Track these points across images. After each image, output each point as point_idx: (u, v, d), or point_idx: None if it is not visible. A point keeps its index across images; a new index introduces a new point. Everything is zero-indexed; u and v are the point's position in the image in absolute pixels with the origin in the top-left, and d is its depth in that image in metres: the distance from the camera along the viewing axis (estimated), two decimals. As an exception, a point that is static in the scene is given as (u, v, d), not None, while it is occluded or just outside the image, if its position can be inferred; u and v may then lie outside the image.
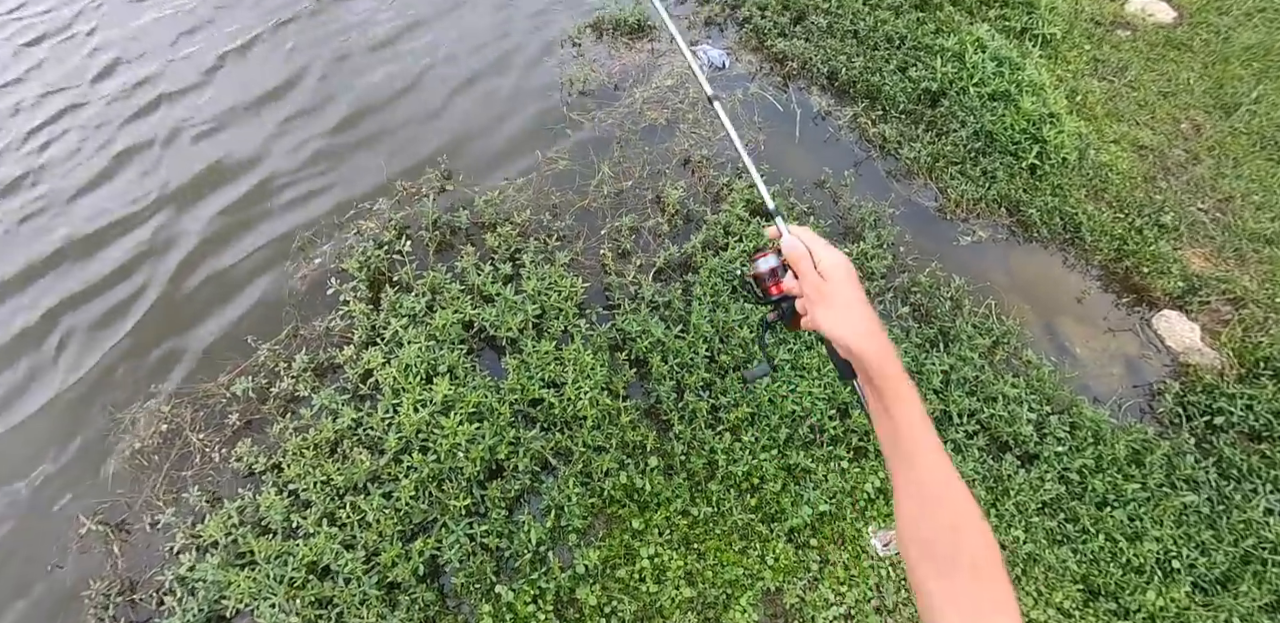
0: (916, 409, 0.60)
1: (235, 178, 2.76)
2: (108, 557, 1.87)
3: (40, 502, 2.00)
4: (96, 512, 1.95)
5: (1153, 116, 3.12)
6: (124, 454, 2.05)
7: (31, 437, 2.14)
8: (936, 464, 0.58)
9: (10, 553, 1.91)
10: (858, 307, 0.63)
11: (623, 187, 2.55)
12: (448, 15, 3.39)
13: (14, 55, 3.34)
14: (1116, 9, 3.68)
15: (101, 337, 2.36)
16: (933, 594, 0.55)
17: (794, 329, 0.78)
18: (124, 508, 1.96)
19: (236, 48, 3.26)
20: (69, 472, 2.05)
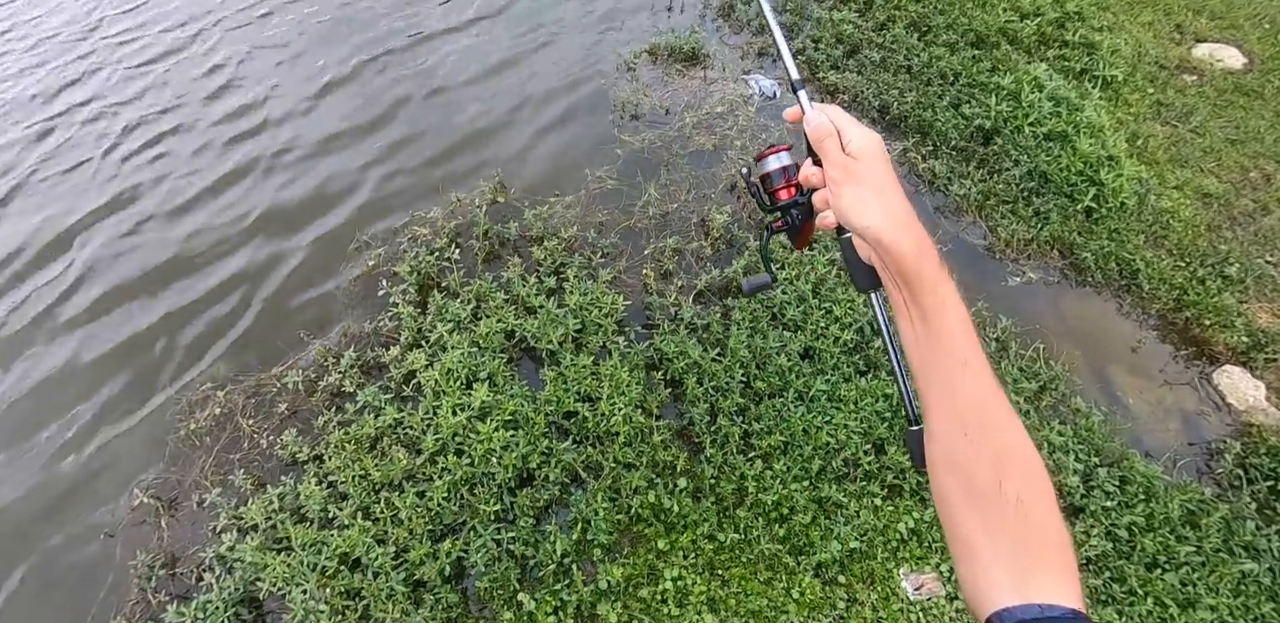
0: (961, 316, 0.50)
1: (304, 183, 2.96)
2: (155, 530, 1.99)
3: (97, 471, 2.15)
4: (149, 486, 2.07)
5: (1219, 164, 3.04)
6: (179, 434, 2.19)
7: (94, 404, 2.31)
8: (984, 384, 0.49)
9: (69, 519, 2.05)
10: (891, 191, 0.53)
11: (668, 209, 2.63)
12: (521, 50, 3.59)
13: (130, 75, 3.64)
14: (1183, 53, 3.63)
15: (165, 316, 2.54)
16: (971, 536, 0.47)
17: (800, 246, 0.69)
18: (175, 485, 2.09)
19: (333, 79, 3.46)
20: (129, 446, 2.20)
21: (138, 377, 2.39)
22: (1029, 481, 0.47)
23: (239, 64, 3.61)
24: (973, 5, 3.58)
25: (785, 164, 0.64)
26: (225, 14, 3.99)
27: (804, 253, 2.41)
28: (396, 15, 3.84)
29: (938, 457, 0.51)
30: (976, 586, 0.46)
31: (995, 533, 0.46)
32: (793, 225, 0.65)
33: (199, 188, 2.98)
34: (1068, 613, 0.43)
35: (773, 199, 0.65)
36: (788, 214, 0.65)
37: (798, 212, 0.63)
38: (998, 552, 0.46)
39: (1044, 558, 0.45)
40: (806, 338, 2.17)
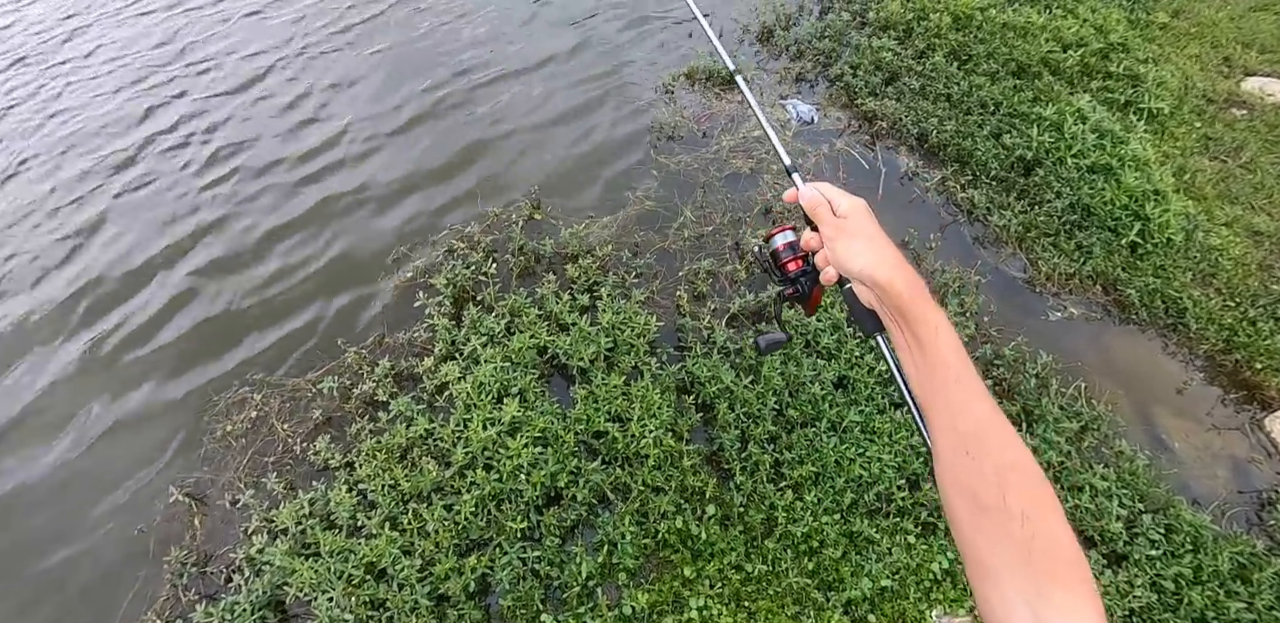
0: (953, 341, 0.55)
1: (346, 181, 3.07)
2: (189, 528, 2.05)
3: (135, 468, 2.22)
4: (184, 485, 2.14)
5: (1270, 201, 2.98)
6: (215, 435, 2.26)
7: (144, 411, 2.40)
8: (979, 402, 0.53)
9: (105, 513, 2.12)
10: (879, 239, 0.61)
11: (703, 231, 2.67)
12: (561, 69, 3.71)
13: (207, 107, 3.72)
14: (1231, 87, 3.59)
15: (206, 318, 2.64)
16: (982, 556, 0.48)
17: (811, 311, 0.77)
18: (209, 484, 2.15)
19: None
20: (163, 444, 2.27)
21: (179, 376, 2.48)
22: (1031, 492, 0.48)
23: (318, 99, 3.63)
24: (1014, 35, 3.60)
25: (791, 240, 0.72)
26: (306, 43, 4.05)
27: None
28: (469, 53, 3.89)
29: (944, 478, 0.53)
30: (992, 608, 0.46)
31: (1005, 550, 0.46)
32: (803, 292, 0.73)
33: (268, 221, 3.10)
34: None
35: (783, 271, 0.74)
36: (797, 283, 0.73)
37: (806, 280, 0.72)
38: (1011, 571, 0.46)
39: (1056, 574, 0.45)
40: (840, 367, 2.17)
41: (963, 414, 0.53)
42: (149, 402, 2.42)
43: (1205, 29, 3.91)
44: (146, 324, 2.66)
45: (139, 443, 2.30)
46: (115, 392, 2.46)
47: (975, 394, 0.53)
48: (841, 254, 0.62)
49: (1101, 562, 1.82)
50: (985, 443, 0.51)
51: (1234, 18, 3.99)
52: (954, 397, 0.53)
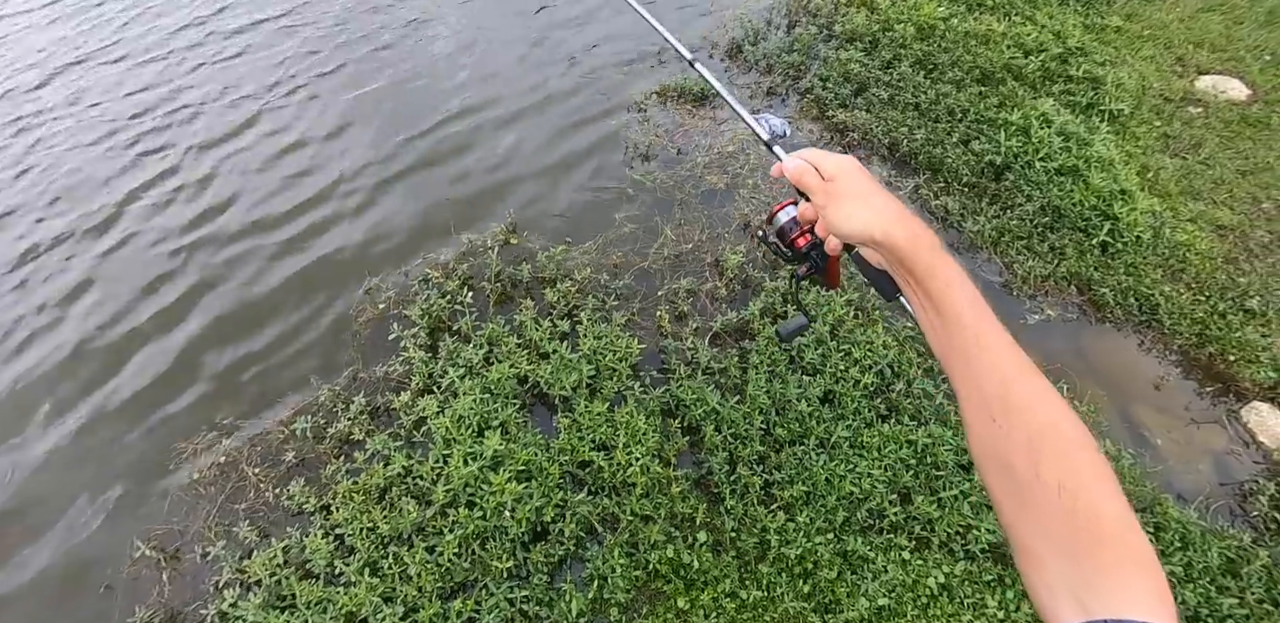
0: (968, 295, 0.52)
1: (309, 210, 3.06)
2: (155, 584, 1.98)
3: (101, 522, 2.15)
4: (151, 538, 2.08)
5: (1231, 195, 3.12)
6: (182, 483, 2.21)
7: (100, 459, 2.33)
8: (1004, 359, 0.48)
9: (67, 569, 2.05)
10: (875, 195, 0.58)
11: (682, 249, 2.71)
12: (524, 86, 3.76)
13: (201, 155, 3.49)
14: (1186, 86, 3.77)
15: (169, 362, 2.58)
16: (1025, 540, 0.43)
17: (833, 284, 0.75)
18: (177, 536, 2.09)
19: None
20: (130, 495, 2.21)
21: (142, 423, 2.42)
22: (1068, 459, 0.43)
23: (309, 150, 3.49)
24: (976, 43, 3.74)
25: (794, 215, 0.69)
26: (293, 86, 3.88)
27: (822, 294, 2.46)
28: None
29: (977, 449, 0.49)
30: (1040, 598, 0.42)
31: (1046, 531, 0.42)
32: (818, 266, 0.71)
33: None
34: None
35: (793, 249, 0.71)
36: (810, 258, 0.70)
37: (817, 254, 0.69)
38: (1054, 555, 0.41)
39: (1100, 557, 0.39)
40: (826, 381, 2.21)
41: (986, 376, 0.48)
42: (110, 452, 2.35)
43: (1157, 31, 4.11)
44: (103, 371, 2.59)
45: (100, 496, 2.23)
46: (74, 443, 2.39)
47: (998, 352, 0.49)
48: (834, 220, 0.59)
49: (1095, 568, 1.86)
50: (1013, 406, 0.46)
51: (1183, 19, 4.20)
52: (975, 357, 0.49)
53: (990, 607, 1.77)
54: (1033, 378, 0.48)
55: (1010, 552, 0.47)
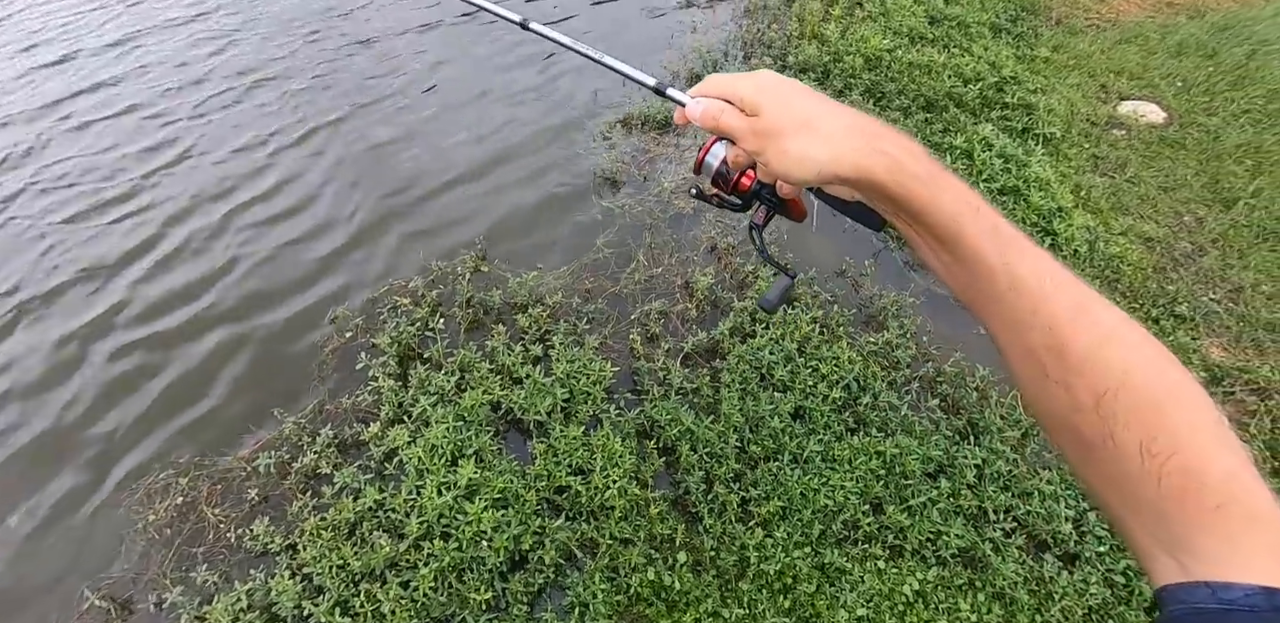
0: (988, 224, 0.41)
1: (270, 243, 3.06)
2: (106, 641, 1.90)
3: (44, 571, 2.05)
4: (100, 587, 2.00)
5: (1155, 210, 3.45)
6: (136, 527, 2.13)
7: (44, 501, 2.23)
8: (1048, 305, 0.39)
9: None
10: (822, 117, 0.45)
11: (653, 272, 2.82)
12: (481, 112, 3.89)
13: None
14: (1110, 110, 4.17)
15: (126, 405, 2.51)
16: (1101, 498, 0.39)
17: (800, 217, 0.63)
18: (129, 584, 2.02)
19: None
20: (78, 541, 2.12)
21: (89, 464, 2.34)
22: (1151, 419, 0.36)
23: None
24: (920, 73, 4.08)
25: (725, 154, 0.59)
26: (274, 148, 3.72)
27: (786, 312, 2.60)
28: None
29: (1033, 408, 0.43)
30: (1138, 558, 0.39)
31: (1129, 497, 0.37)
32: (775, 203, 0.61)
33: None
34: (1253, 593, 0.32)
35: (738, 193, 0.61)
36: (762, 197, 0.61)
37: (768, 190, 0.60)
38: (1140, 519, 0.37)
39: (1201, 517, 0.34)
40: (796, 398, 2.31)
41: (1029, 325, 0.39)
42: (55, 496, 2.26)
43: (1081, 60, 4.56)
44: (51, 405, 2.51)
45: (44, 542, 2.13)
46: (13, 485, 2.28)
47: (1041, 291, 0.39)
48: (780, 167, 0.46)
49: (1057, 565, 1.98)
50: (1071, 360, 0.38)
51: (1104, 50, 4.68)
52: (1011, 304, 0.40)
53: (964, 610, 1.86)
54: (1092, 316, 0.39)
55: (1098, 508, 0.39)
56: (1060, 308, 0.40)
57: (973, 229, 0.42)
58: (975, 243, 0.42)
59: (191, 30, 4.81)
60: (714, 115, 0.50)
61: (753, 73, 0.50)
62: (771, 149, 0.47)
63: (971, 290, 0.44)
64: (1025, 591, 1.91)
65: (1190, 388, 0.38)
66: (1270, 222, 3.34)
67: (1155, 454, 0.36)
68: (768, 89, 0.48)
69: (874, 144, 0.44)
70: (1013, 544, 2.01)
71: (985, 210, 0.43)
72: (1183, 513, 0.35)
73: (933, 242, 0.45)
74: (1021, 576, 1.94)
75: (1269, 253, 3.19)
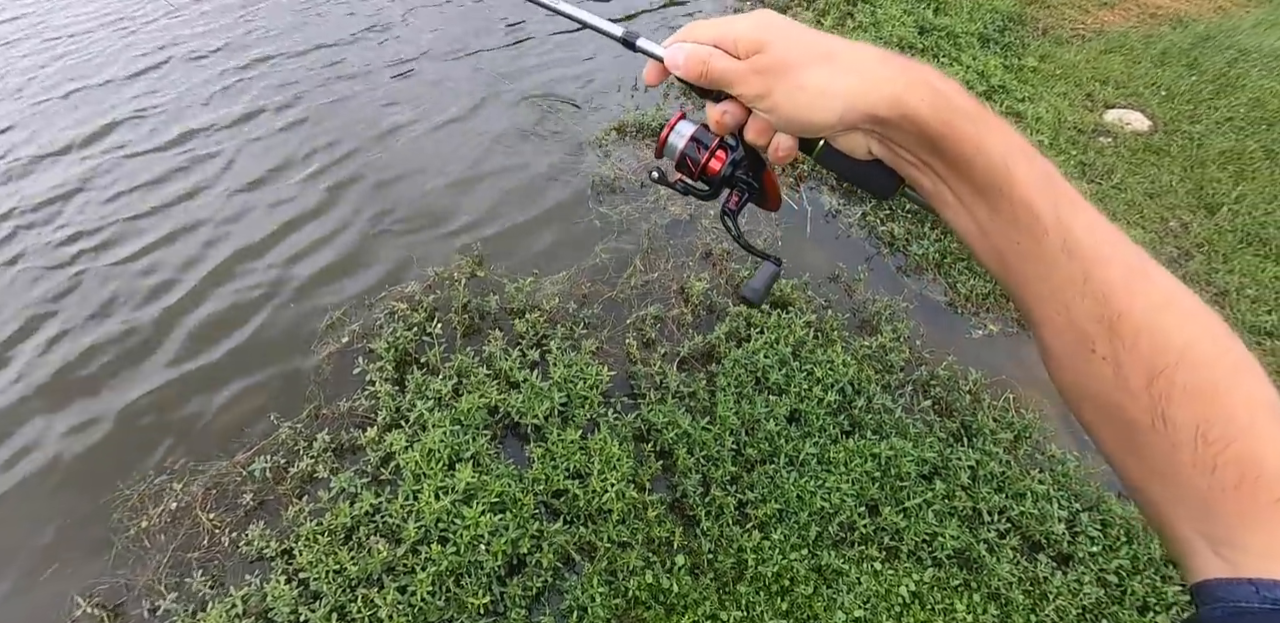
0: (1038, 172, 0.37)
1: (267, 251, 3.09)
2: (98, 648, 1.89)
3: (35, 579, 2.05)
4: (93, 594, 1.99)
5: (1142, 216, 3.54)
6: (129, 533, 2.13)
7: (31, 507, 2.23)
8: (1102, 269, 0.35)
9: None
10: (841, 50, 0.38)
11: (649, 278, 2.87)
12: (480, 121, 3.95)
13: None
14: (1095, 118, 4.29)
15: (115, 406, 2.52)
16: (1143, 488, 0.36)
17: (775, 206, 0.57)
18: (123, 591, 2.01)
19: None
20: (70, 548, 2.12)
21: (82, 471, 2.34)
22: (1210, 402, 0.33)
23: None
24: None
25: (691, 133, 0.53)
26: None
27: (781, 316, 2.65)
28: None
29: (1065, 382, 0.39)
30: (1173, 550, 0.36)
31: (1174, 485, 0.34)
32: (751, 187, 0.54)
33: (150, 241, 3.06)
34: None
35: (706, 178, 0.54)
36: (735, 181, 0.54)
37: (743, 172, 0.53)
38: (1185, 510, 0.34)
39: (1253, 509, 0.32)
40: (791, 401, 2.35)
41: (1080, 291, 0.35)
42: (47, 501, 2.25)
43: (1068, 70, 4.68)
44: (42, 409, 2.51)
45: (36, 550, 2.12)
46: (7, 492, 2.27)
47: (1098, 257, 0.35)
48: (796, 108, 0.39)
49: (1051, 565, 2.02)
50: (1124, 331, 0.34)
51: (1089, 60, 4.81)
52: (1061, 267, 0.35)
53: (959, 611, 1.89)
54: (1151, 280, 0.36)
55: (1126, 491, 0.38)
56: (1116, 274, 0.35)
57: (1024, 176, 0.36)
58: (1026, 193, 0.36)
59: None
60: (701, 58, 0.41)
61: (749, 14, 0.41)
62: (782, 87, 0.39)
63: (1011, 253, 0.37)
64: (1020, 591, 1.94)
65: (1251, 366, 0.34)
66: (1253, 227, 3.44)
67: (1212, 441, 0.33)
68: (772, 25, 0.40)
69: (912, 75, 0.37)
70: (1007, 545, 2.05)
71: (1038, 157, 0.37)
72: (1237, 506, 0.32)
73: (971, 194, 0.38)
74: (1016, 576, 1.98)
75: (1252, 257, 3.29)
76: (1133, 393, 0.35)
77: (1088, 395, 0.38)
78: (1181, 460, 0.33)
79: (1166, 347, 0.34)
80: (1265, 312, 2.97)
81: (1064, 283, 0.36)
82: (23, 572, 2.08)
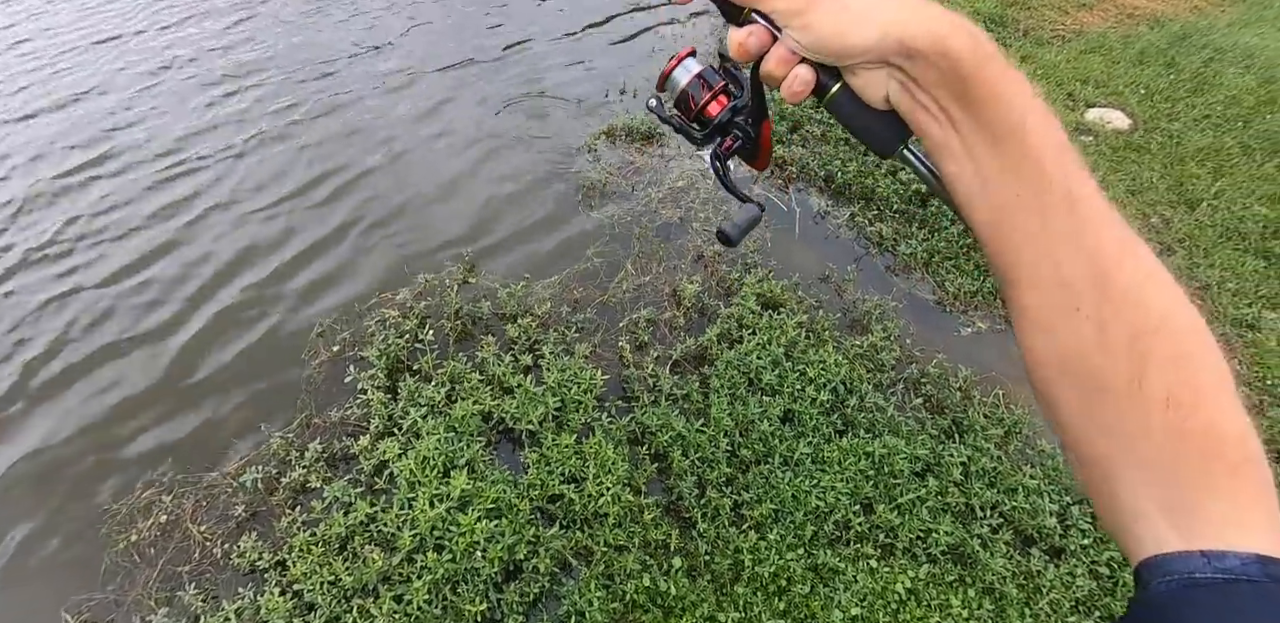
0: (1054, 131, 0.39)
1: (260, 261, 3.09)
2: (88, 667, 1.88)
3: (22, 596, 2.03)
4: (82, 610, 1.98)
5: (1124, 212, 3.54)
6: (118, 547, 2.12)
7: (17, 523, 2.21)
8: (1099, 229, 0.37)
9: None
10: None
11: (641, 281, 2.90)
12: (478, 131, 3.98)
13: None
14: (1077, 117, 4.39)
15: (101, 416, 2.51)
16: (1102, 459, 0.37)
17: (763, 164, 0.56)
18: (113, 606, 2.00)
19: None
20: (56, 564, 2.10)
21: (68, 481, 2.32)
22: (1184, 367, 0.35)
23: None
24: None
25: (698, 71, 0.52)
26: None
27: (774, 316, 2.69)
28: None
29: (1039, 351, 0.39)
30: (1118, 521, 0.37)
31: (1139, 454, 0.35)
32: (746, 136, 0.53)
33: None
34: (1249, 562, 0.31)
35: (703, 121, 0.53)
36: (732, 127, 0.53)
37: (744, 118, 0.52)
38: (1142, 476, 0.35)
39: (1214, 477, 0.34)
40: (785, 401, 2.39)
41: (1075, 250, 0.37)
42: (32, 515, 2.23)
43: (1049, 70, 4.79)
44: (23, 419, 2.49)
45: (23, 566, 2.11)
46: None
47: (1096, 215, 0.37)
48: (830, 26, 0.39)
49: (1044, 558, 2.06)
50: (1112, 292, 0.36)
51: (1070, 60, 4.93)
52: (1062, 224, 0.37)
53: (955, 606, 1.93)
54: (1139, 251, 0.38)
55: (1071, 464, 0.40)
56: (1110, 237, 0.37)
57: (1038, 131, 0.38)
58: (1039, 147, 0.38)
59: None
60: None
61: None
62: (822, 4, 0.39)
63: (1012, 206, 0.38)
64: (1014, 585, 1.98)
65: (1214, 345, 0.37)
66: (1232, 221, 3.54)
67: (1180, 406, 0.34)
68: None
69: (953, 17, 0.38)
70: (1000, 540, 2.09)
71: (1053, 118, 0.39)
72: (1198, 472, 0.34)
73: (984, 143, 0.39)
74: (1010, 570, 2.02)
75: (1232, 251, 3.38)
76: (1113, 354, 0.36)
77: (1063, 357, 0.38)
78: (1151, 425, 0.35)
79: (1149, 313, 0.36)
80: (1246, 304, 3.06)
81: (1061, 237, 0.37)
82: (9, 589, 2.06)
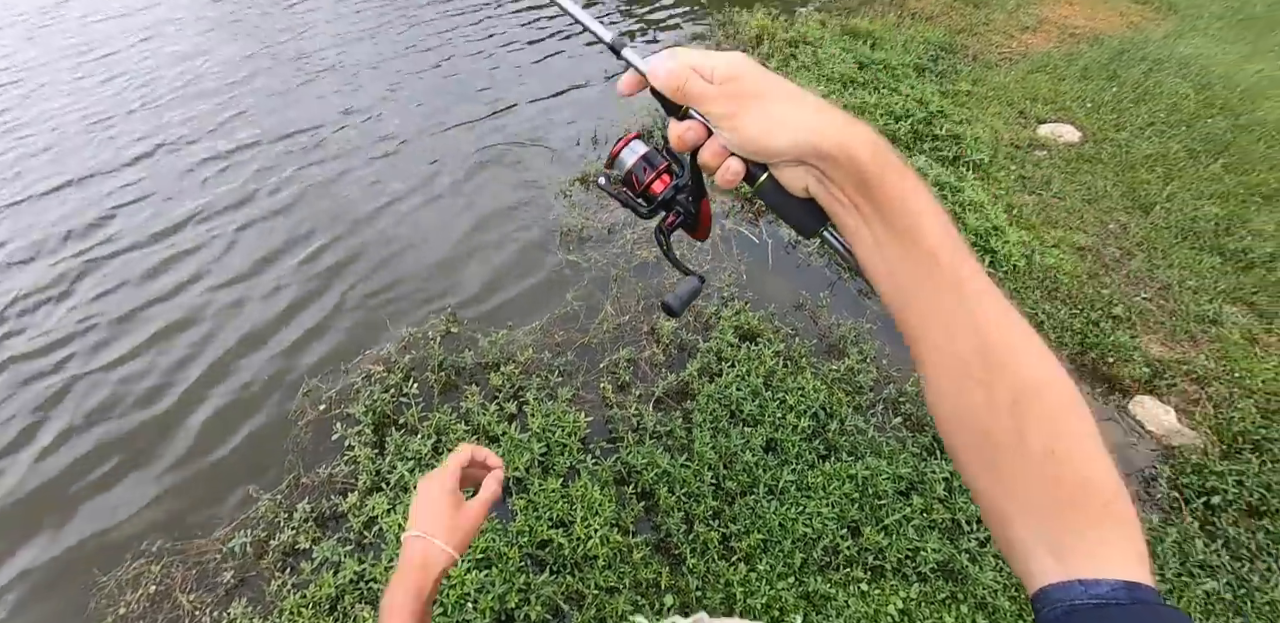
0: (942, 224, 0.45)
1: (240, 325, 3.19)
2: None
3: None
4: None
5: (1082, 221, 3.80)
6: (106, 622, 2.12)
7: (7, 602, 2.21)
8: (986, 307, 0.43)
9: None
10: (800, 94, 0.46)
11: (620, 321, 3.01)
12: (456, 186, 4.18)
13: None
14: (1030, 134, 4.63)
15: (92, 489, 2.54)
16: (996, 504, 0.43)
17: (703, 235, 0.63)
18: (100, 688, 1.99)
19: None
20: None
21: (53, 556, 2.34)
22: (1058, 424, 0.41)
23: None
24: (855, 114, 4.43)
25: (644, 152, 0.58)
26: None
27: (751, 347, 2.78)
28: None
29: (941, 408, 0.46)
30: (1015, 558, 0.43)
31: (1024, 498, 0.41)
32: (687, 212, 0.60)
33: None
34: (1118, 588, 0.37)
35: (648, 197, 0.60)
36: (675, 204, 0.59)
37: (685, 195, 0.58)
38: (1030, 518, 0.41)
39: (1085, 521, 0.40)
40: (766, 431, 2.46)
41: (965, 325, 0.43)
42: (18, 594, 2.24)
43: (999, 91, 5.08)
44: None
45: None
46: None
47: (980, 295, 0.44)
48: (753, 131, 0.46)
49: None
50: (995, 361, 0.42)
51: (1018, 80, 5.23)
52: (953, 304, 0.43)
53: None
54: (1017, 324, 0.44)
55: (980, 513, 0.47)
56: (994, 312, 0.44)
57: (933, 227, 0.45)
58: (933, 241, 0.44)
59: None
60: (682, 75, 0.48)
61: (728, 52, 0.49)
62: (749, 111, 0.46)
63: (913, 290, 0.45)
64: (1006, 597, 2.01)
65: (1081, 401, 0.43)
66: (1186, 222, 3.71)
67: (1058, 456, 0.40)
68: (747, 64, 0.48)
69: (859, 127, 0.46)
70: (988, 553, 2.12)
71: (942, 211, 0.46)
72: (1073, 513, 0.40)
73: (885, 234, 0.46)
74: (1001, 583, 2.05)
75: (1189, 251, 3.53)
76: (999, 414, 0.42)
77: (962, 419, 0.45)
78: (1031, 475, 0.41)
79: (1027, 376, 0.42)
80: (1207, 301, 3.18)
81: (951, 314, 0.44)
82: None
